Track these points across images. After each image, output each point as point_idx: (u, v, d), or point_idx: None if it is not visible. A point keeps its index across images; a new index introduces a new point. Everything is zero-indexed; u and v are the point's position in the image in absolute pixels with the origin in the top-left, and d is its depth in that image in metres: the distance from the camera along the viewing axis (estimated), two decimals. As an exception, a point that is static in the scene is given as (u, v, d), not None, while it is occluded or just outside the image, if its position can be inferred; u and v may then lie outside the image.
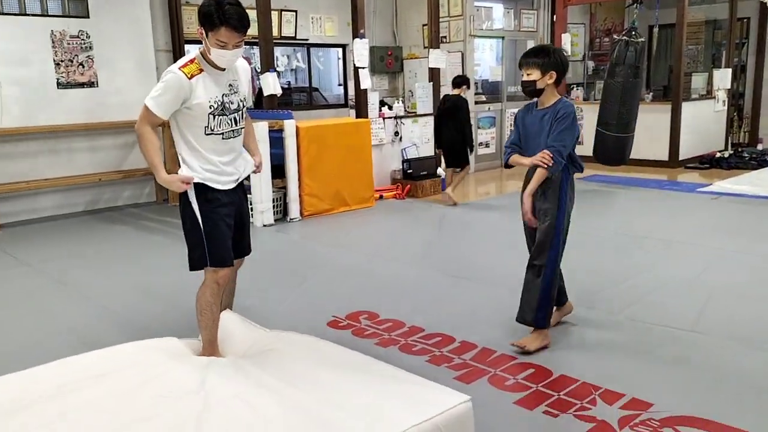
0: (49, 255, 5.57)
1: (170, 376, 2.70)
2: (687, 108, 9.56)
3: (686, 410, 2.77)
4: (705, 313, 3.90)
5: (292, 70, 10.92)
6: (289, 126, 6.60)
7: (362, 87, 7.52)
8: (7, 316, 4.15)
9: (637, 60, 7.55)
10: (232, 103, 2.93)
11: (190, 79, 2.78)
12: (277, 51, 9.25)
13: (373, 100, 7.82)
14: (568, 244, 3.49)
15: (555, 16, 8.89)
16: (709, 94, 10.53)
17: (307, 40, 9.56)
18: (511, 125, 10.42)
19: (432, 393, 2.47)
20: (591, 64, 11.66)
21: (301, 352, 2.89)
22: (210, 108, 2.85)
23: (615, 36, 8.85)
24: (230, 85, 2.93)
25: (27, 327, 3.96)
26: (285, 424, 2.29)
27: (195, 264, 2.95)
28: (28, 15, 6.90)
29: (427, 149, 8.39)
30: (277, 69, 8.78)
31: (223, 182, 2.96)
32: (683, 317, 3.83)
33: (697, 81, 10.73)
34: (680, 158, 9.60)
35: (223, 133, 2.93)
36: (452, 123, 7.27)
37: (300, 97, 10.20)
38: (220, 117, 2.89)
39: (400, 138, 8.17)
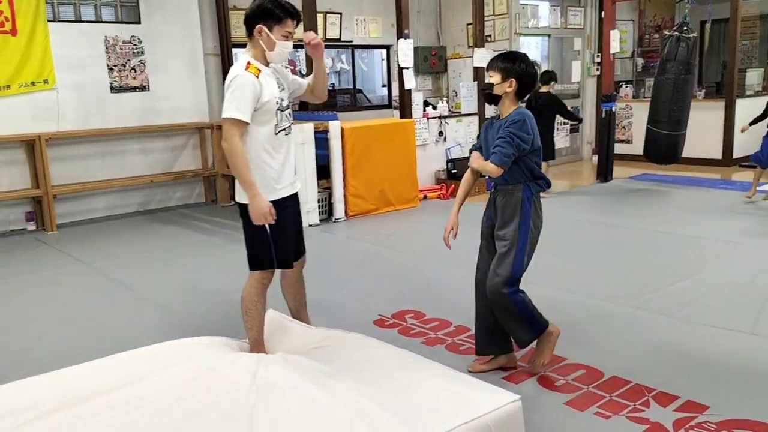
0: (103, 254, 5.74)
1: (222, 371, 2.75)
2: (741, 105, 9.26)
3: (744, 414, 2.68)
4: (763, 315, 3.77)
5: (336, 72, 11.00)
6: (334, 127, 6.65)
7: (406, 87, 7.52)
8: (65, 312, 4.30)
9: (689, 56, 7.37)
10: (283, 99, 3.03)
11: (257, 77, 2.87)
12: (322, 53, 9.33)
13: (417, 100, 7.81)
14: (622, 244, 3.43)
15: (603, 13, 8.72)
16: (764, 90, 10.18)
17: (351, 41, 9.62)
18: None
19: (481, 392, 2.45)
20: (640, 61, 11.41)
21: (349, 349, 2.90)
22: (276, 104, 2.95)
23: (665, 32, 8.64)
24: (278, 82, 3.03)
25: (83, 322, 4.09)
26: (335, 418, 2.31)
27: (258, 264, 3.00)
28: (83, 22, 7.13)
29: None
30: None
31: (293, 185, 3.08)
32: (740, 319, 3.71)
33: (752, 77, 10.38)
34: (734, 156, 9.30)
35: (284, 129, 3.02)
36: (541, 120, 7.18)
37: (344, 99, 10.27)
38: (281, 113, 2.99)
39: (445, 138, 8.15)
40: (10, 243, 6.30)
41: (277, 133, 2.98)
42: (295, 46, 3.15)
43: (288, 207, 3.04)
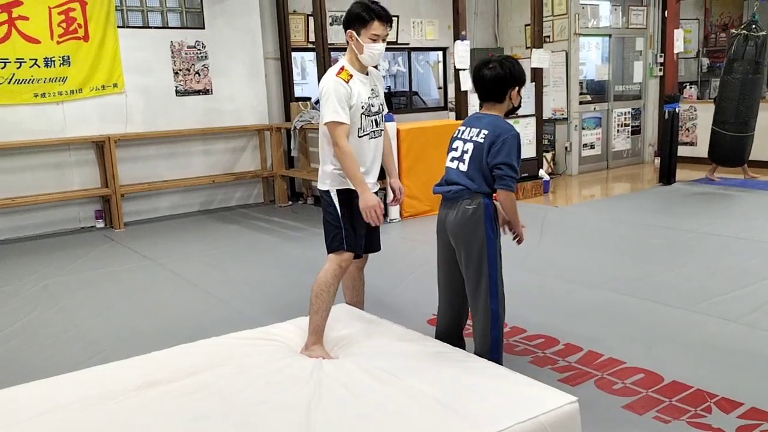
0: (167, 251, 5.96)
1: (280, 363, 2.83)
2: (814, 105, 8.86)
3: (814, 423, 2.59)
4: (836, 323, 3.62)
5: (392, 75, 11.07)
6: (391, 128, 6.70)
7: (463, 89, 7.51)
8: (133, 305, 4.49)
9: (757, 55, 7.13)
10: (373, 106, 3.16)
11: (347, 82, 3.03)
12: (379, 56, 9.42)
13: (473, 101, 7.78)
14: (686, 248, 3.35)
15: (666, 12, 8.50)
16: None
17: (407, 44, 9.67)
18: (618, 126, 10.08)
19: (538, 392, 2.45)
20: (705, 61, 11.05)
21: (408, 346, 2.93)
22: (362, 108, 3.08)
23: (732, 31, 8.36)
24: (372, 89, 3.17)
25: (149, 315, 4.27)
26: (392, 412, 2.35)
27: (332, 248, 3.15)
28: (151, 28, 7.41)
29: (529, 151, 8.25)
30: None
31: (368, 184, 3.15)
32: (810, 327, 3.57)
33: (826, 76, 9.92)
34: (806, 159, 8.90)
35: (368, 133, 3.15)
36: None
37: (399, 101, 10.33)
38: (368, 118, 3.13)
39: (501, 140, 8.08)
40: (81, 239, 6.61)
41: (360, 137, 3.11)
42: (388, 49, 3.26)
43: (357, 197, 3.12)
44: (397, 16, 9.34)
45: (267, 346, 3.04)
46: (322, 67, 7.41)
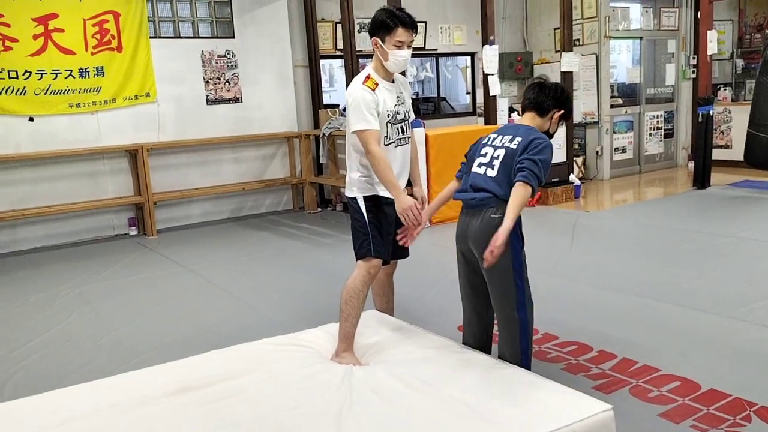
0: (199, 257, 6.03)
1: (311, 369, 2.83)
2: None
3: None
4: None
5: (419, 81, 11.07)
6: (419, 134, 6.69)
7: (491, 94, 7.48)
8: (166, 311, 4.55)
9: (794, 55, 6.95)
10: (399, 113, 3.16)
11: (373, 90, 3.04)
12: (407, 62, 9.42)
13: (502, 106, 7.75)
14: (721, 254, 3.28)
15: (699, 13, 8.36)
16: None
17: (435, 50, 9.66)
18: (651, 129, 9.93)
19: (572, 399, 2.41)
20: (740, 62, 10.83)
21: (438, 353, 2.92)
22: (387, 117, 3.09)
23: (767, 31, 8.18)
24: (398, 97, 3.17)
25: (181, 321, 4.32)
26: (423, 419, 2.33)
27: (360, 255, 3.15)
28: (182, 38, 7.53)
29: (559, 155, 8.17)
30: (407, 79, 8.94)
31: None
32: None
33: None
34: None
35: (394, 141, 3.15)
36: None
37: (427, 107, 10.32)
38: (393, 125, 3.13)
39: (531, 144, 8.01)
40: (115, 247, 6.72)
41: (386, 145, 3.11)
42: (416, 55, 3.27)
43: (390, 210, 3.14)
44: (425, 22, 9.34)
45: (297, 353, 3.05)
46: (351, 74, 7.44)
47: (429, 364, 2.78)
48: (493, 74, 7.42)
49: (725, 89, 10.19)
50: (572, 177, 8.10)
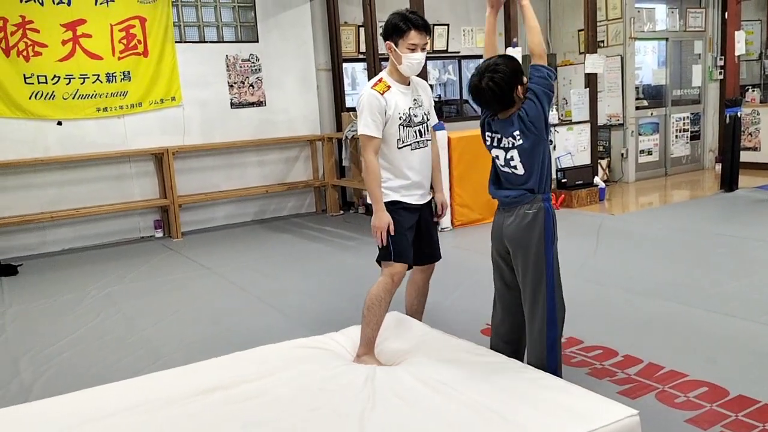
0: (223, 259, 6.08)
1: (334, 371, 2.85)
2: None
3: None
4: None
5: (441, 84, 11.05)
6: (441, 137, 6.69)
7: (515, 96, 7.43)
8: (191, 313, 4.60)
9: (825, 55, 6.81)
10: (416, 116, 3.16)
11: (382, 95, 3.05)
12: (429, 65, 9.42)
13: (525, 108, 7.69)
14: (750, 258, 3.23)
15: (726, 14, 8.24)
16: None
17: (458, 52, 9.64)
18: (677, 131, 9.80)
19: (597, 404, 2.39)
20: (769, 63, 10.65)
21: (461, 356, 2.91)
22: (399, 119, 3.08)
23: (798, 30, 8.03)
24: (415, 99, 3.17)
25: (206, 322, 4.36)
26: (447, 424, 2.33)
27: (381, 258, 3.17)
28: (207, 42, 7.62)
29: (583, 158, 8.11)
30: (429, 82, 8.94)
31: (415, 196, 3.17)
32: None
33: None
34: None
35: (410, 144, 3.14)
36: None
37: (450, 110, 10.30)
38: (408, 128, 3.12)
39: (554, 146, 7.97)
40: (141, 249, 6.81)
41: (400, 148, 3.11)
42: (438, 58, 3.27)
43: (410, 215, 3.16)
44: (447, 25, 9.34)
45: (320, 355, 3.06)
46: (373, 77, 7.46)
47: (452, 367, 2.77)
48: (516, 76, 7.37)
49: (753, 90, 10.01)
50: (597, 179, 8.02)
